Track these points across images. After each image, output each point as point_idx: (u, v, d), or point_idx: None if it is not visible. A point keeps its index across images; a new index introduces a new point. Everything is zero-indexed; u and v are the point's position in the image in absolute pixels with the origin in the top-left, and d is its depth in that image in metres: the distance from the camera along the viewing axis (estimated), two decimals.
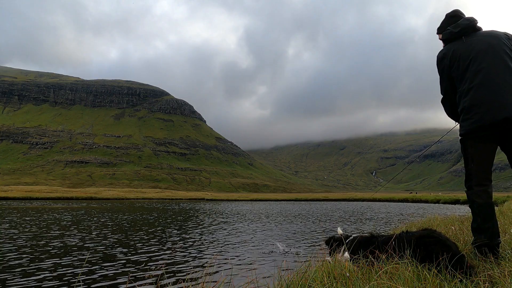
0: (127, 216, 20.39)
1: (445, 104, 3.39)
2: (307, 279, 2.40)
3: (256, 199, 64.48)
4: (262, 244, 9.38)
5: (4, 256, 7.45)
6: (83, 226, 14.09)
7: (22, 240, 9.82)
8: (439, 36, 3.41)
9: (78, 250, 8.30)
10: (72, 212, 23.57)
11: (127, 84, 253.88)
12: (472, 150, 2.96)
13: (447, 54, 3.14)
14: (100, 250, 8.33)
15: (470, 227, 5.12)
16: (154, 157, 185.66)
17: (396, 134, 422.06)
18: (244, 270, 5.86)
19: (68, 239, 10.09)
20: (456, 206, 34.08)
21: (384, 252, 2.73)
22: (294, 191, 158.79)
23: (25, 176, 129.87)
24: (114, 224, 15.02)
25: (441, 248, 2.52)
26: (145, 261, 7.09)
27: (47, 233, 11.48)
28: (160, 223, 16.02)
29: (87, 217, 19.12)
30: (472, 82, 2.91)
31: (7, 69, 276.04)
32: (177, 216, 20.61)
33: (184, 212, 25.34)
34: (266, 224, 15.59)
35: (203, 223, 16.23)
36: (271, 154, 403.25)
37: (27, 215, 19.71)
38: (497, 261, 2.69)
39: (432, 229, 3.03)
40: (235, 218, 19.06)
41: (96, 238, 10.47)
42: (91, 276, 5.82)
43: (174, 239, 10.40)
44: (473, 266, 2.56)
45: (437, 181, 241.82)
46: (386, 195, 65.56)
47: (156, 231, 12.62)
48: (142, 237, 10.73)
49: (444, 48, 3.21)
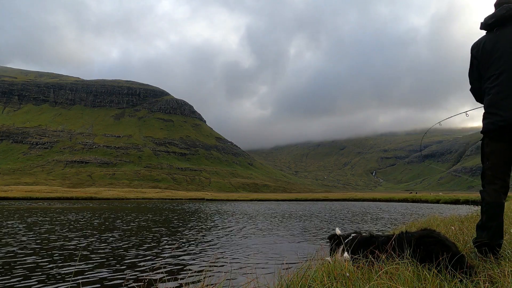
0: (128, 216, 20.38)
1: (473, 94, 3.34)
2: (307, 279, 2.40)
3: (256, 199, 64.46)
4: (262, 244, 9.38)
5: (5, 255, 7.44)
6: (82, 226, 14.08)
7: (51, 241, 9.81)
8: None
9: (75, 250, 8.30)
10: (72, 212, 23.56)
11: (127, 84, 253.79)
12: (488, 149, 2.99)
13: (477, 46, 3.06)
14: (98, 250, 8.33)
15: (470, 227, 5.10)
16: (154, 157, 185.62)
17: (396, 134, 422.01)
18: (244, 270, 5.86)
19: (68, 239, 10.09)
20: (456, 206, 34.05)
21: (384, 252, 2.73)
22: (294, 191, 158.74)
23: (25, 176, 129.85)
24: (114, 224, 15.01)
25: (441, 248, 2.52)
26: (145, 261, 7.08)
27: (57, 234, 11.48)
28: (160, 223, 16.02)
29: (86, 217, 19.11)
30: (493, 83, 2.89)
31: (7, 69, 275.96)
32: (177, 216, 20.59)
33: (184, 212, 25.33)
34: (266, 224, 15.59)
35: (203, 223, 16.22)
36: (271, 154, 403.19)
37: (40, 215, 19.70)
38: (497, 261, 2.68)
39: (431, 229, 3.03)
40: (235, 218, 19.05)
41: (91, 238, 10.46)
42: (89, 277, 5.82)
43: (174, 239, 10.40)
44: (473, 266, 2.56)
45: (437, 181, 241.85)
46: (386, 195, 65.57)
47: (156, 231, 12.62)
48: (142, 237, 10.73)
49: (479, 39, 3.11)
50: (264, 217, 19.85)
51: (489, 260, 2.73)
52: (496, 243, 2.82)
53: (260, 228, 13.65)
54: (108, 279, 5.65)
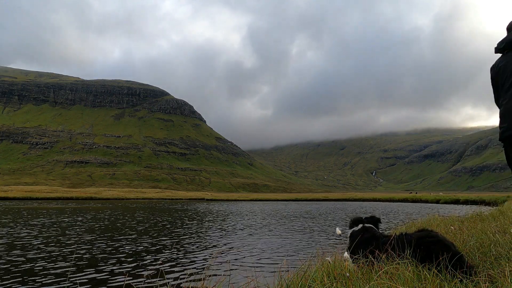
0: (127, 215, 20.37)
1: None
2: (307, 279, 2.41)
3: (256, 199, 64.45)
4: (262, 244, 9.38)
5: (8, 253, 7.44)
6: (80, 226, 14.08)
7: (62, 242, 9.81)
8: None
9: (75, 249, 8.30)
10: (72, 212, 23.55)
11: (127, 84, 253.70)
12: (507, 154, 3.38)
13: (493, 68, 3.53)
14: (98, 249, 8.33)
15: (470, 227, 5.09)
16: (154, 157, 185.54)
17: (396, 134, 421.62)
18: (244, 270, 5.86)
19: (68, 239, 10.09)
20: (456, 206, 34.05)
21: (384, 252, 2.74)
22: (294, 191, 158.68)
23: (25, 176, 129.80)
24: (114, 224, 15.01)
25: (441, 248, 2.55)
26: (145, 260, 7.08)
27: (67, 235, 11.47)
28: (160, 223, 16.01)
29: (83, 217, 19.10)
30: (504, 96, 3.33)
31: (7, 69, 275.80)
32: (177, 216, 20.59)
33: (184, 212, 25.32)
34: (266, 224, 15.58)
35: (203, 223, 16.22)
36: (271, 154, 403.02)
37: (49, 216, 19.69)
38: (497, 261, 2.70)
39: (429, 229, 3.04)
40: (234, 218, 19.05)
41: (91, 238, 10.46)
42: (89, 275, 5.82)
43: (174, 239, 10.39)
44: (473, 265, 2.57)
45: (437, 181, 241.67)
46: (386, 195, 65.56)
47: (156, 231, 12.61)
48: (142, 237, 10.72)
49: (496, 61, 3.56)
50: (264, 217, 19.84)
51: (488, 260, 2.76)
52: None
53: (260, 228, 13.65)
54: (107, 277, 5.65)
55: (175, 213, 23.48)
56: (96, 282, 5.46)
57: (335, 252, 3.65)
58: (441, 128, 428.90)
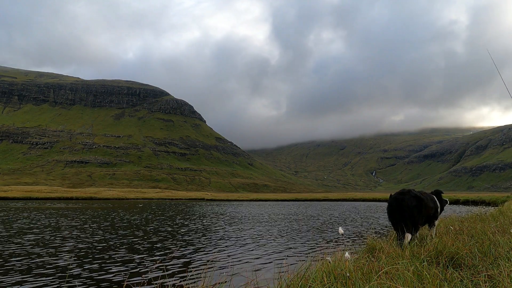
0: (127, 216, 20.37)
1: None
2: (307, 279, 2.42)
3: (256, 199, 64.44)
4: (262, 244, 9.37)
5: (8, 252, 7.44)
6: (79, 226, 14.08)
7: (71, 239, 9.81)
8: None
9: (76, 248, 8.30)
10: (73, 212, 23.54)
11: (127, 84, 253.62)
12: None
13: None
14: (99, 249, 8.32)
15: (470, 227, 5.10)
16: (154, 157, 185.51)
17: (396, 134, 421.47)
18: (244, 270, 5.86)
19: (69, 239, 10.08)
20: (456, 206, 34.06)
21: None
22: (294, 191, 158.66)
23: (25, 176, 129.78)
24: (114, 224, 15.01)
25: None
26: (145, 260, 7.08)
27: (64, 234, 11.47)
28: (160, 223, 16.00)
29: (83, 217, 19.10)
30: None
31: (7, 69, 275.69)
32: (177, 216, 20.58)
33: (184, 212, 25.31)
34: (265, 224, 15.57)
35: (203, 223, 16.21)
36: (271, 154, 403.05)
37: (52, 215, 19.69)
38: (497, 261, 2.70)
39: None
40: (234, 218, 19.04)
41: (92, 237, 10.46)
42: (90, 274, 5.82)
43: (174, 239, 10.39)
44: (473, 265, 2.60)
45: (437, 181, 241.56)
46: (386, 195, 65.50)
47: (156, 231, 12.61)
48: (142, 237, 10.72)
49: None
50: (263, 217, 19.84)
51: (488, 260, 2.76)
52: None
53: (260, 228, 13.64)
54: (108, 279, 5.65)
55: (174, 213, 23.48)
56: (96, 282, 5.47)
57: (335, 252, 3.65)
58: (441, 128, 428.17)
